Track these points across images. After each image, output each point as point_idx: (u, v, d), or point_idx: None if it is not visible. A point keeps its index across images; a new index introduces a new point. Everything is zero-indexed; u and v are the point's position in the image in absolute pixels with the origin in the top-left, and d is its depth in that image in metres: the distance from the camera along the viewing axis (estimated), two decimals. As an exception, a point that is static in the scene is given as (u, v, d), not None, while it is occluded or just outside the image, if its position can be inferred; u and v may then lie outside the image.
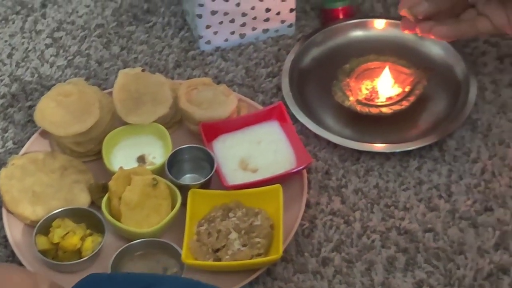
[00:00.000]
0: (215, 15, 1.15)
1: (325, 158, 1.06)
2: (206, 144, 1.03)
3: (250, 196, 0.98)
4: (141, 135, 1.05)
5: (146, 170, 0.98)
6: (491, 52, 1.17)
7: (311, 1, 1.26)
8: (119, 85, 1.04)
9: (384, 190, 1.03)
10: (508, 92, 1.11)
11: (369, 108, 1.08)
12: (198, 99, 1.06)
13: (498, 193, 1.01)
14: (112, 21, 1.25)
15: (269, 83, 1.16)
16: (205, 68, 1.18)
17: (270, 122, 1.07)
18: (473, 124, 1.08)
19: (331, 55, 1.18)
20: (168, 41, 1.22)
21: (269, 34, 1.21)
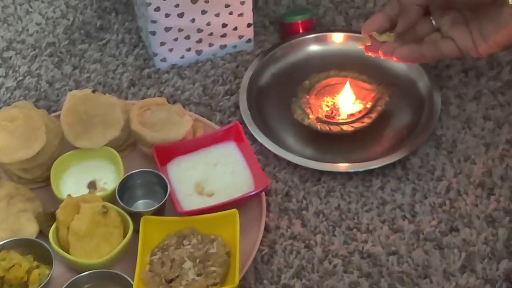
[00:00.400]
0: (169, 32, 1.11)
1: (285, 179, 1.02)
2: (159, 168, 0.98)
3: (206, 222, 0.94)
4: (91, 159, 1.01)
5: (96, 197, 0.94)
6: (456, 65, 1.14)
7: (270, 15, 1.23)
8: (67, 108, 1.00)
9: (346, 212, 0.99)
10: (473, 106, 1.08)
11: (329, 126, 1.04)
12: (151, 120, 1.02)
13: (463, 212, 0.98)
14: (64, 39, 1.21)
15: (227, 101, 1.12)
16: (160, 87, 1.14)
17: (227, 143, 1.03)
18: (437, 140, 1.05)
19: (290, 71, 1.14)
20: (122, 59, 1.18)
21: (227, 50, 1.17)
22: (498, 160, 1.02)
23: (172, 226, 0.94)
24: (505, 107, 1.08)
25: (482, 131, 1.06)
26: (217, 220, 0.94)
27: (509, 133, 1.05)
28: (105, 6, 1.25)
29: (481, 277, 0.92)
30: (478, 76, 1.12)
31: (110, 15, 1.24)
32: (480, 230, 0.96)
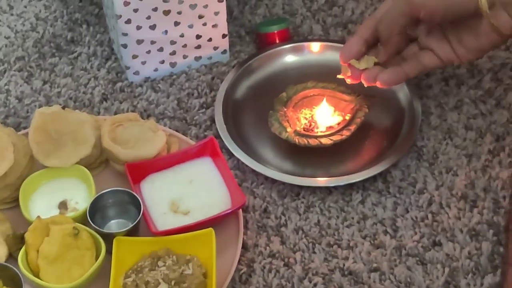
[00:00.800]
0: (141, 44, 1.08)
1: (263, 195, 1.00)
2: (132, 186, 0.95)
3: (181, 242, 0.91)
4: (62, 178, 0.97)
5: (66, 218, 0.91)
6: (436, 73, 1.11)
7: (246, 25, 1.20)
8: (36, 126, 0.97)
9: (326, 228, 0.96)
10: (454, 116, 1.06)
11: (307, 140, 1.01)
12: (123, 136, 0.99)
13: (446, 226, 0.95)
14: (34, 53, 1.18)
15: (203, 114, 1.09)
16: (134, 101, 1.11)
17: (203, 159, 1.00)
18: (418, 152, 1.03)
19: (267, 83, 1.12)
20: (94, 72, 1.15)
21: (202, 61, 1.14)
22: (481, 172, 1.00)
23: (146, 246, 0.91)
24: (486, 116, 1.06)
25: (463, 142, 1.03)
26: (193, 239, 0.91)
27: (491, 143, 1.03)
28: (76, 18, 1.22)
29: (465, 293, 0.89)
30: (459, 84, 1.10)
31: (81, 27, 1.21)
32: (463, 244, 0.93)
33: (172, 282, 0.87)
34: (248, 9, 1.23)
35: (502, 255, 0.92)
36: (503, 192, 0.98)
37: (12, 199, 0.97)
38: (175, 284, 0.87)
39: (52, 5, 1.24)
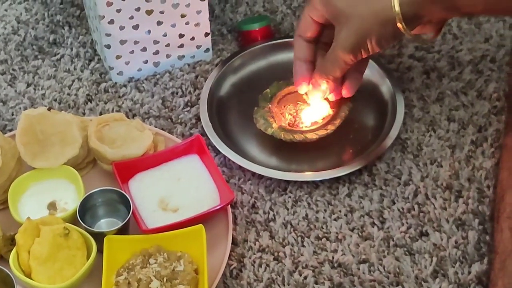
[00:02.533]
0: (124, 45, 1.09)
1: (250, 190, 1.00)
2: (121, 185, 0.96)
3: (171, 239, 0.91)
4: (50, 179, 0.98)
5: (56, 218, 0.91)
6: (417, 66, 1.13)
7: (228, 23, 1.21)
8: (22, 128, 0.97)
9: (314, 221, 0.97)
10: (436, 108, 1.07)
11: (293, 135, 1.02)
12: (110, 136, 0.99)
13: (432, 217, 0.96)
14: (16, 56, 1.17)
15: (188, 113, 1.09)
16: (118, 101, 1.11)
17: (190, 157, 1.00)
18: (402, 144, 1.04)
19: (251, 80, 1.12)
20: (77, 74, 1.15)
21: (185, 60, 1.15)
22: (465, 162, 1.01)
23: (137, 244, 0.91)
24: (468, 107, 1.07)
25: (447, 133, 1.05)
26: (183, 236, 0.91)
27: (474, 134, 1.04)
28: (58, 20, 1.22)
29: (453, 282, 0.90)
30: (440, 77, 1.11)
31: (63, 29, 1.21)
32: (450, 234, 0.94)
33: (164, 279, 0.88)
34: (229, 8, 1.23)
35: (488, 244, 0.93)
36: (487, 182, 0.99)
37: (1, 201, 0.97)
38: (167, 281, 0.88)
39: (33, 8, 1.24)
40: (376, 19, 0.90)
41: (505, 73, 1.11)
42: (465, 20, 1.18)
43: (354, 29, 0.91)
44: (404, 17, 0.88)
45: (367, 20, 0.90)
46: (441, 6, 0.88)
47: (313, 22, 0.97)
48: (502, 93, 1.08)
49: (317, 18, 0.97)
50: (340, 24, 0.93)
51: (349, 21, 0.91)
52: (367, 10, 0.90)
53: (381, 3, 0.89)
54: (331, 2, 0.93)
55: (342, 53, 0.93)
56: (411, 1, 0.87)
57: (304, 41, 0.99)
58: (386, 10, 0.89)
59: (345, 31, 0.92)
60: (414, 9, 0.88)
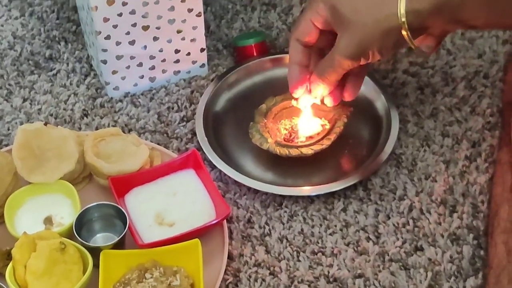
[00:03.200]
0: (121, 60, 1.09)
1: (246, 205, 1.01)
2: (117, 200, 0.96)
3: (167, 254, 0.91)
4: (47, 194, 0.98)
5: (53, 233, 0.91)
6: (411, 82, 1.14)
7: (223, 39, 1.21)
8: (19, 143, 0.97)
9: (310, 236, 0.98)
10: (431, 124, 1.08)
11: (288, 150, 1.02)
12: (106, 151, 1.00)
13: (427, 231, 0.97)
14: (12, 71, 1.18)
15: (184, 128, 1.10)
16: (114, 116, 1.11)
17: (186, 171, 1.01)
18: (397, 159, 1.05)
19: (247, 95, 1.13)
20: (73, 89, 1.15)
21: (181, 75, 1.15)
22: (459, 177, 1.02)
23: (133, 259, 0.91)
24: (462, 123, 1.08)
25: (441, 148, 1.05)
26: (179, 251, 0.91)
27: (468, 149, 1.05)
28: (54, 35, 1.23)
29: (448, 296, 0.91)
30: (434, 93, 1.12)
31: (59, 44, 1.22)
32: (444, 249, 0.95)
33: (160, 294, 0.88)
34: (225, 23, 1.24)
35: (483, 258, 0.94)
36: (481, 197, 1.00)
37: (-3, 216, 0.97)
38: (163, 296, 0.88)
39: (29, 23, 1.25)
40: (380, 27, 0.90)
41: (498, 89, 1.12)
42: (458, 36, 1.19)
43: (357, 36, 0.92)
44: (409, 27, 0.89)
45: (371, 28, 0.91)
46: (446, 18, 0.89)
47: (314, 27, 0.97)
48: (495, 109, 1.09)
49: (318, 24, 0.97)
50: (342, 30, 0.93)
51: (353, 28, 0.92)
52: (372, 18, 0.91)
53: (386, 11, 0.90)
54: (337, 8, 0.93)
55: (342, 59, 0.94)
56: (417, 12, 0.88)
57: (301, 45, 1.00)
58: (391, 19, 0.89)
59: (348, 37, 0.93)
60: (419, 20, 0.89)
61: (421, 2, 0.88)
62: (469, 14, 0.88)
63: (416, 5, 0.88)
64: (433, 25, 0.90)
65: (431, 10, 0.88)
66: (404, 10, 0.88)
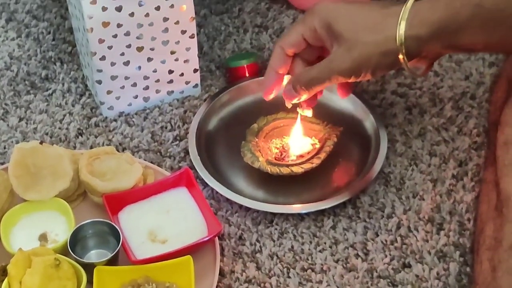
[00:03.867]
0: (115, 80, 1.11)
1: (238, 222, 1.03)
2: (111, 217, 0.98)
3: (160, 270, 0.93)
4: (42, 211, 0.99)
5: (48, 249, 0.93)
6: (400, 102, 1.16)
7: (216, 60, 1.24)
8: (15, 161, 0.99)
9: (299, 253, 0.99)
10: (418, 143, 1.10)
11: (279, 168, 1.05)
12: (100, 169, 1.02)
13: (415, 249, 0.99)
14: (9, 91, 1.20)
15: (177, 147, 1.12)
16: (109, 135, 1.13)
17: (178, 189, 1.03)
18: (385, 178, 1.07)
19: (239, 115, 1.15)
20: (69, 108, 1.17)
21: (174, 95, 1.17)
22: (446, 196, 1.04)
23: (126, 275, 0.93)
24: (449, 142, 1.10)
25: (428, 167, 1.08)
26: (172, 267, 0.93)
27: (455, 169, 1.07)
28: (50, 56, 1.25)
29: (435, 312, 0.93)
30: (422, 113, 1.14)
31: (55, 65, 1.24)
32: (432, 266, 0.97)
33: (152, 309, 0.90)
34: (218, 45, 1.26)
35: (469, 275, 0.96)
36: (467, 215, 1.02)
37: (-7, 233, 0.99)
38: (156, 311, 0.90)
39: (26, 44, 1.27)
40: (378, 49, 0.92)
41: (485, 109, 1.14)
42: (446, 58, 1.21)
43: (355, 53, 0.93)
44: (406, 51, 0.91)
45: (370, 48, 0.93)
46: (444, 44, 0.91)
47: (302, 41, 0.99)
48: (482, 129, 1.11)
49: (308, 39, 0.99)
50: (338, 46, 0.95)
51: (350, 45, 0.93)
52: (370, 39, 0.92)
53: (384, 33, 0.92)
54: (333, 26, 0.95)
55: (333, 73, 0.95)
56: (416, 37, 0.90)
57: (284, 53, 1.01)
58: (389, 41, 0.91)
59: (344, 53, 0.94)
60: (417, 44, 0.91)
61: (420, 28, 0.90)
62: (467, 40, 0.90)
63: (416, 31, 0.90)
64: (430, 50, 0.92)
65: (430, 35, 0.90)
66: (403, 34, 0.90)
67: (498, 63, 1.20)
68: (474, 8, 0.88)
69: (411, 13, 0.91)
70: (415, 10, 0.91)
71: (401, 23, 0.90)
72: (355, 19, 0.95)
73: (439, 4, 0.90)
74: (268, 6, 1.32)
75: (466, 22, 0.89)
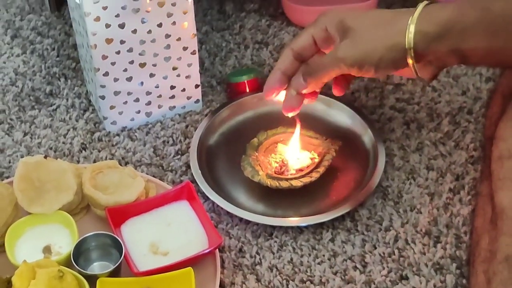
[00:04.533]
0: (118, 96, 1.14)
1: (238, 235, 1.04)
2: (113, 230, 1.00)
3: (161, 282, 0.95)
4: (46, 224, 1.01)
5: (51, 261, 0.95)
6: (398, 117, 1.18)
7: (217, 75, 1.26)
8: (20, 175, 1.01)
9: (299, 265, 1.01)
10: (416, 157, 1.12)
11: (279, 182, 1.06)
12: (103, 183, 1.03)
13: (412, 261, 1.00)
14: (14, 106, 1.22)
15: (178, 161, 1.14)
16: (112, 149, 1.15)
17: (180, 203, 1.05)
18: (383, 191, 1.08)
19: (239, 130, 1.17)
20: (72, 123, 1.20)
21: (176, 111, 1.20)
22: (443, 209, 1.06)
23: (128, 287, 0.95)
24: (446, 157, 1.12)
25: (426, 181, 1.09)
26: (173, 279, 0.95)
27: (452, 182, 1.09)
28: (54, 72, 1.27)
29: (432, 323, 0.94)
30: (420, 128, 1.16)
31: (59, 80, 1.26)
32: (428, 278, 0.98)
33: (154, 320, 0.91)
34: (219, 61, 1.29)
35: (465, 287, 0.97)
36: (464, 228, 1.03)
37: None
38: (157, 322, 0.91)
39: (31, 60, 1.30)
40: (385, 42, 0.94)
41: (482, 124, 1.16)
42: (443, 73, 1.23)
43: (360, 45, 0.96)
44: (414, 48, 0.93)
45: (376, 40, 0.95)
46: (449, 46, 0.93)
47: (312, 43, 1.01)
48: (478, 143, 1.13)
49: (318, 40, 1.01)
50: (346, 38, 0.97)
51: (357, 37, 0.96)
52: (379, 32, 0.95)
53: (394, 28, 0.94)
54: (344, 21, 0.97)
55: (337, 61, 0.97)
56: (424, 33, 0.93)
57: (292, 55, 1.03)
58: (397, 35, 0.94)
59: (349, 43, 0.96)
60: (425, 42, 0.93)
61: (429, 25, 0.93)
62: (471, 44, 0.92)
63: (425, 27, 0.93)
64: (436, 51, 0.94)
65: (438, 34, 0.92)
66: (413, 29, 0.92)
67: (494, 78, 1.22)
68: (482, 11, 0.91)
69: (422, 12, 0.94)
70: (427, 10, 0.94)
71: (412, 19, 0.93)
72: (367, 16, 0.98)
73: (449, 5, 0.93)
74: (269, 23, 1.35)
75: (472, 24, 0.91)
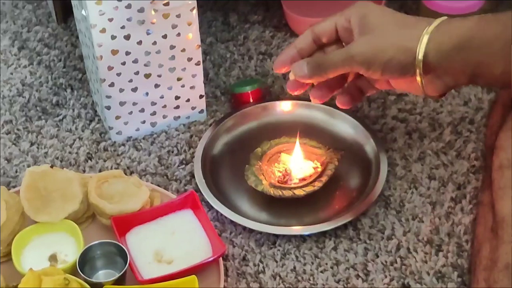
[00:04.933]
0: (124, 106, 1.15)
1: (241, 244, 1.05)
2: (118, 238, 1.01)
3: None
4: (52, 232, 1.02)
5: (57, 270, 0.96)
6: (400, 127, 1.19)
7: (221, 86, 1.27)
8: (26, 184, 1.02)
9: (301, 273, 1.02)
10: (418, 167, 1.13)
11: (282, 191, 1.08)
12: (109, 192, 1.05)
13: (414, 269, 1.01)
14: (21, 117, 1.24)
15: (183, 170, 1.15)
16: (117, 159, 1.17)
17: (184, 211, 1.06)
18: (386, 201, 1.09)
19: (243, 139, 1.18)
20: (78, 133, 1.21)
21: (181, 121, 1.21)
22: (445, 218, 1.07)
23: (133, 295, 0.96)
24: (448, 166, 1.13)
25: (428, 190, 1.10)
26: (177, 286, 0.96)
27: (453, 192, 1.10)
28: (61, 82, 1.29)
29: (433, 331, 0.95)
30: (422, 137, 1.17)
31: (66, 91, 1.28)
32: (430, 286, 0.99)
33: (158, 327, 0.92)
34: (223, 71, 1.30)
35: (467, 295, 0.98)
36: (465, 237, 1.04)
37: (4, 254, 1.01)
38: (161, 329, 0.92)
39: (37, 71, 1.31)
40: (397, 42, 0.95)
41: (483, 134, 1.17)
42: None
43: (372, 42, 0.97)
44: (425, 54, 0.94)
45: (388, 40, 0.96)
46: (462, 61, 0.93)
47: (334, 29, 1.02)
48: (480, 153, 1.14)
49: (340, 27, 1.01)
50: (363, 35, 0.98)
51: (372, 35, 0.97)
52: (394, 32, 0.96)
53: (410, 31, 0.95)
54: (367, 16, 0.98)
55: (347, 56, 0.98)
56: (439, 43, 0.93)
57: (312, 37, 1.03)
58: (411, 38, 0.94)
59: (363, 40, 0.97)
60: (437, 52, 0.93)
61: (444, 36, 0.93)
62: (487, 61, 0.92)
63: (440, 37, 0.93)
64: (448, 65, 0.95)
65: (453, 46, 0.93)
66: (427, 38, 0.93)
67: (496, 89, 1.23)
68: (502, 27, 0.91)
69: (442, 22, 0.95)
70: (448, 21, 0.95)
71: (429, 27, 0.94)
72: (392, 17, 0.98)
73: (471, 18, 0.94)
74: (272, 34, 1.36)
75: (490, 40, 0.91)
